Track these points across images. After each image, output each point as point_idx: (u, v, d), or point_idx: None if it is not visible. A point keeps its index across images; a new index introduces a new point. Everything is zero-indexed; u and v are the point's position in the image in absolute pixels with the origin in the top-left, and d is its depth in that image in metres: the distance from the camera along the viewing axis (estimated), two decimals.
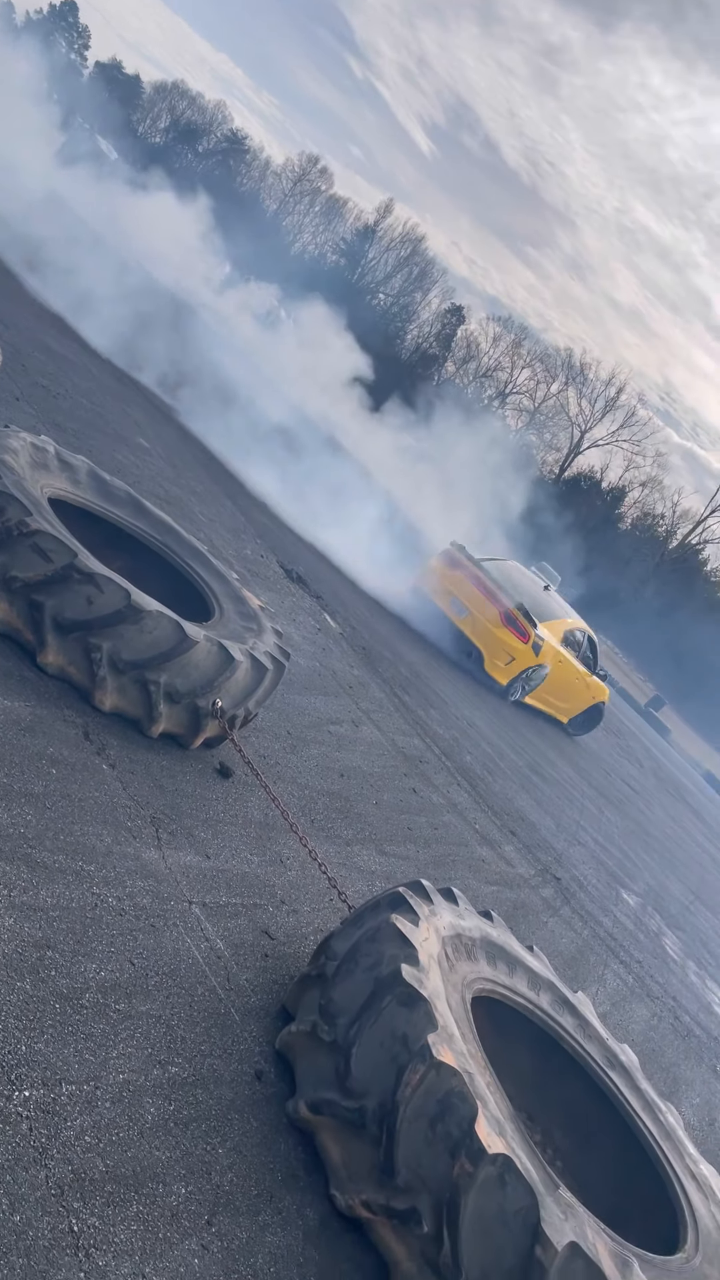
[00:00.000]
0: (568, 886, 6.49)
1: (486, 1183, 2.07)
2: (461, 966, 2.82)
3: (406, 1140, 2.15)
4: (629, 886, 8.20)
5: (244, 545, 7.54)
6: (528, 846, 6.58)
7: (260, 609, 4.31)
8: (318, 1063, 2.41)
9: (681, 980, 6.83)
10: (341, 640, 7.43)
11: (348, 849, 4.16)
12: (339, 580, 9.51)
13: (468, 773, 7.05)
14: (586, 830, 8.80)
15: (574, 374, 60.81)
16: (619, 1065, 3.24)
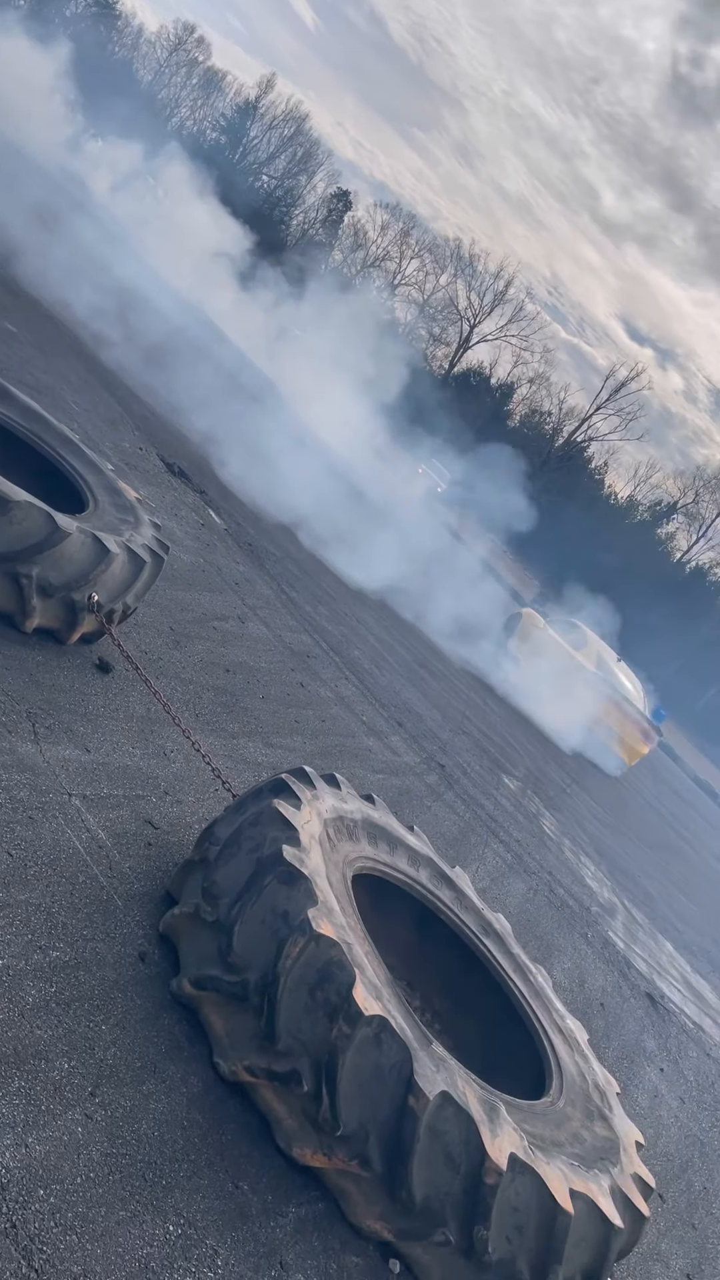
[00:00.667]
0: (451, 773, 6.71)
1: (363, 1042, 2.18)
2: (343, 846, 2.90)
3: (287, 1008, 2.23)
4: (510, 772, 8.54)
5: (121, 437, 7.30)
6: (414, 737, 6.75)
7: (137, 501, 4.21)
8: (201, 942, 2.46)
9: (557, 857, 7.20)
10: (226, 536, 7.34)
11: (233, 742, 4.19)
12: (222, 474, 9.33)
13: (356, 667, 7.14)
14: (471, 721, 9.07)
15: (463, 265, 59.93)
16: (493, 933, 3.42)
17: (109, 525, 3.75)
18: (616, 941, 6.38)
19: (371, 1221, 2.20)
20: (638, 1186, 2.63)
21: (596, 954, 5.77)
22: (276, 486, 11.14)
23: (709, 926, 10.00)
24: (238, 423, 11.94)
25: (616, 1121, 2.89)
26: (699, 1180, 4.15)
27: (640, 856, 10.44)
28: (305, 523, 10.23)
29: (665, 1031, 5.56)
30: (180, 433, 9.46)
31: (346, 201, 60.93)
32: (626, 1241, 2.54)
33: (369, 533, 12.73)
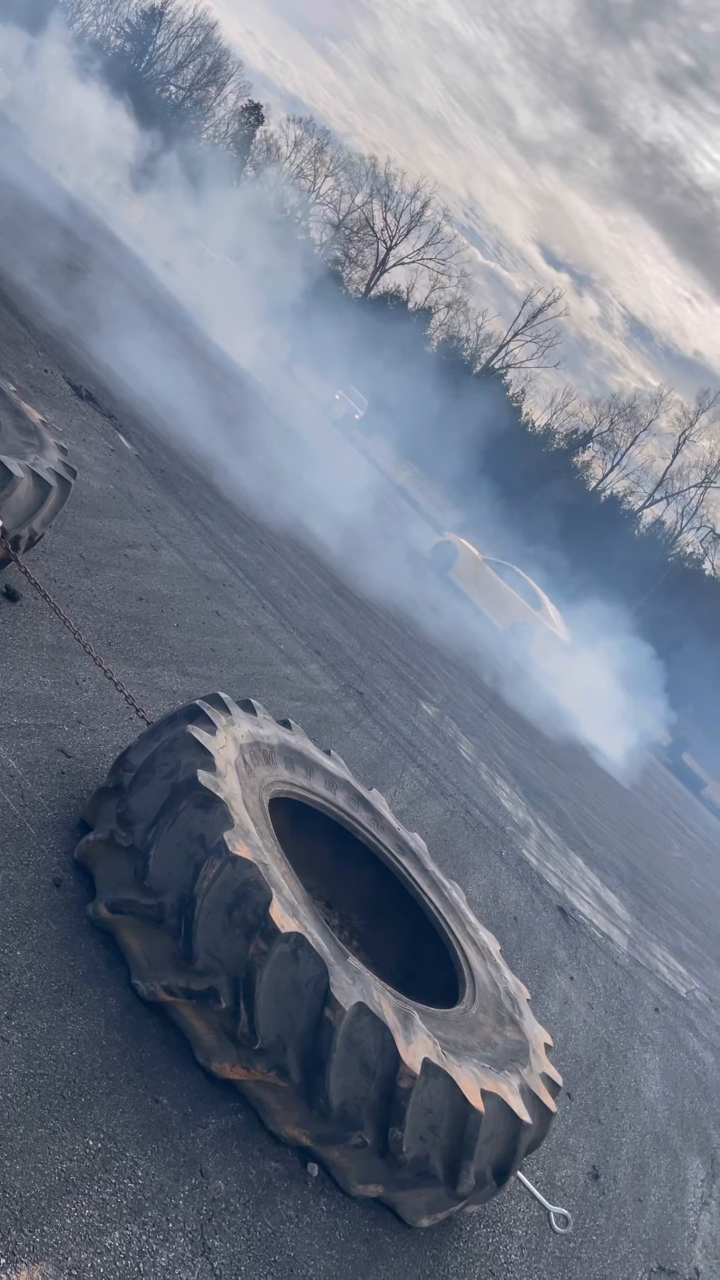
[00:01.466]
0: (369, 700, 6.77)
1: (280, 958, 2.22)
2: (259, 771, 2.92)
3: (204, 928, 2.26)
4: (428, 699, 8.65)
5: (25, 359, 7.02)
6: (332, 665, 6.78)
7: (42, 423, 4.06)
8: (117, 867, 2.46)
9: (474, 780, 7.37)
10: (138, 462, 7.16)
11: (148, 670, 4.14)
12: (136, 401, 9.07)
13: (273, 595, 7.10)
14: (389, 649, 9.13)
15: (378, 185, 58.58)
16: (409, 851, 3.49)
17: (12, 449, 3.62)
18: (530, 859, 6.59)
19: (290, 1129, 2.27)
20: (546, 1085, 2.76)
21: (511, 871, 5.96)
22: (190, 415, 10.89)
23: (617, 842, 10.39)
24: (147, 344, 11.58)
25: (526, 1026, 3.02)
26: (605, 1079, 4.38)
27: (554, 777, 10.75)
28: (220, 457, 10.05)
29: (575, 942, 5.79)
30: (88, 354, 9.14)
31: (258, 115, 58.80)
32: (535, 1136, 2.68)
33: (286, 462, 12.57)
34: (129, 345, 10.72)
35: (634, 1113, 4.30)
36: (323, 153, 58.90)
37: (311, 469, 16.83)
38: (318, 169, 58.91)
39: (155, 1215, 1.82)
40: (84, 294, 11.07)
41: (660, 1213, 3.66)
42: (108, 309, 11.43)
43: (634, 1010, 5.61)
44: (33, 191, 13.42)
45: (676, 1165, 4.17)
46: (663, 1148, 4.21)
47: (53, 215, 14.03)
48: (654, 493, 56.93)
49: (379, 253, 58.85)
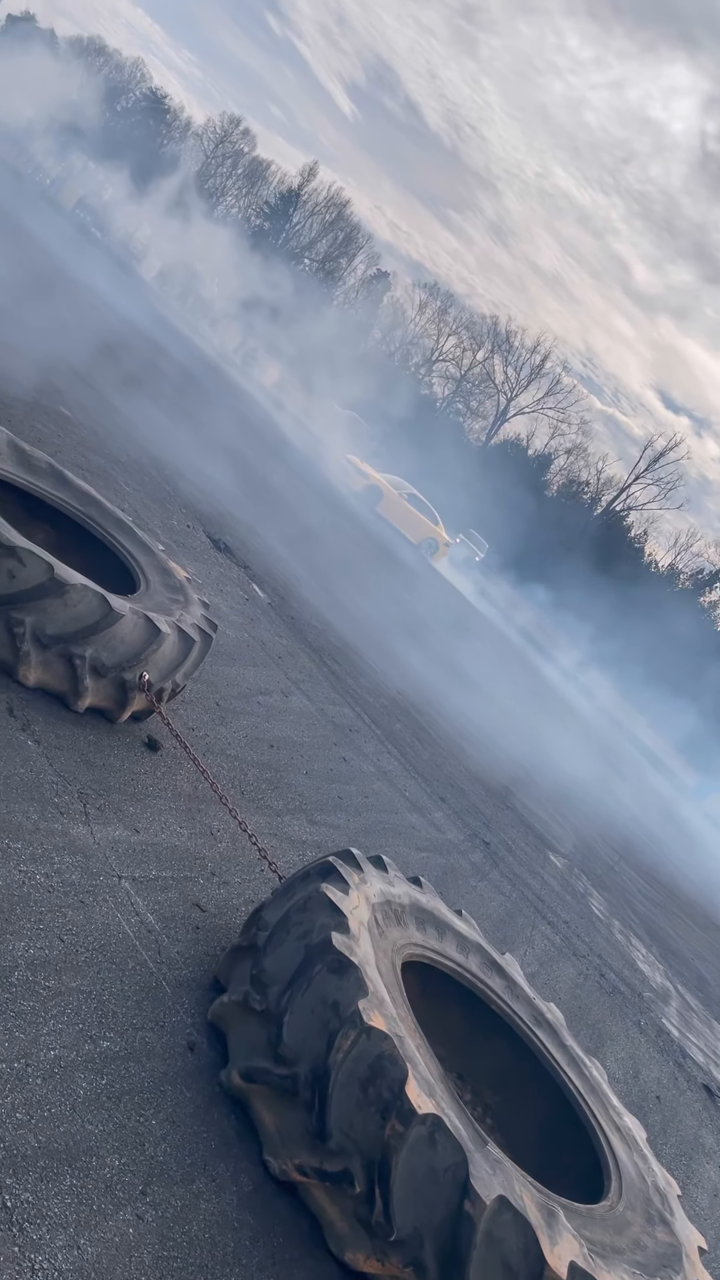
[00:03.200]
0: (496, 850, 6.61)
1: (417, 1142, 2.12)
2: (391, 932, 2.86)
3: (338, 1104, 2.18)
4: (556, 849, 8.39)
5: (170, 516, 7.44)
6: (457, 812, 6.68)
7: (186, 580, 4.27)
8: (250, 1032, 2.43)
9: (607, 939, 7.03)
10: (270, 610, 7.41)
11: (278, 819, 4.17)
12: (268, 552, 9.46)
13: (397, 740, 7.12)
14: (515, 795, 8.96)
15: (499, 341, 61.04)
16: (545, 1023, 3.33)
17: (160, 605, 3.81)
18: (671, 1029, 6.18)
19: None
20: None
21: (651, 1043, 5.59)
22: (319, 564, 11.26)
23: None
24: (283, 499, 12.15)
25: (678, 1226, 2.77)
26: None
27: (692, 937, 10.16)
28: (345, 603, 10.31)
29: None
30: (225, 509, 9.64)
31: (386, 282, 62.60)
32: None
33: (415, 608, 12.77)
34: (262, 499, 11.27)
35: None
36: (446, 314, 62.00)
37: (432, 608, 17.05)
38: (441, 328, 61.92)
39: None
40: (224, 452, 11.76)
41: None
42: (244, 465, 12.09)
43: None
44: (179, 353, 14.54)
45: None
46: None
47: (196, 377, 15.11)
48: None
49: (499, 403, 60.80)
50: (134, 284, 24.76)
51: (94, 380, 9.79)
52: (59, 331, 10.39)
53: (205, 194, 54.66)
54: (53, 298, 12.03)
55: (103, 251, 26.08)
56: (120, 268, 25.48)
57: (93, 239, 26.50)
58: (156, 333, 19.91)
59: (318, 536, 13.48)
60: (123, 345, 13.95)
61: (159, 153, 50.35)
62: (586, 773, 15.85)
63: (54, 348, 9.42)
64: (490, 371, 61.19)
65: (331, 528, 15.77)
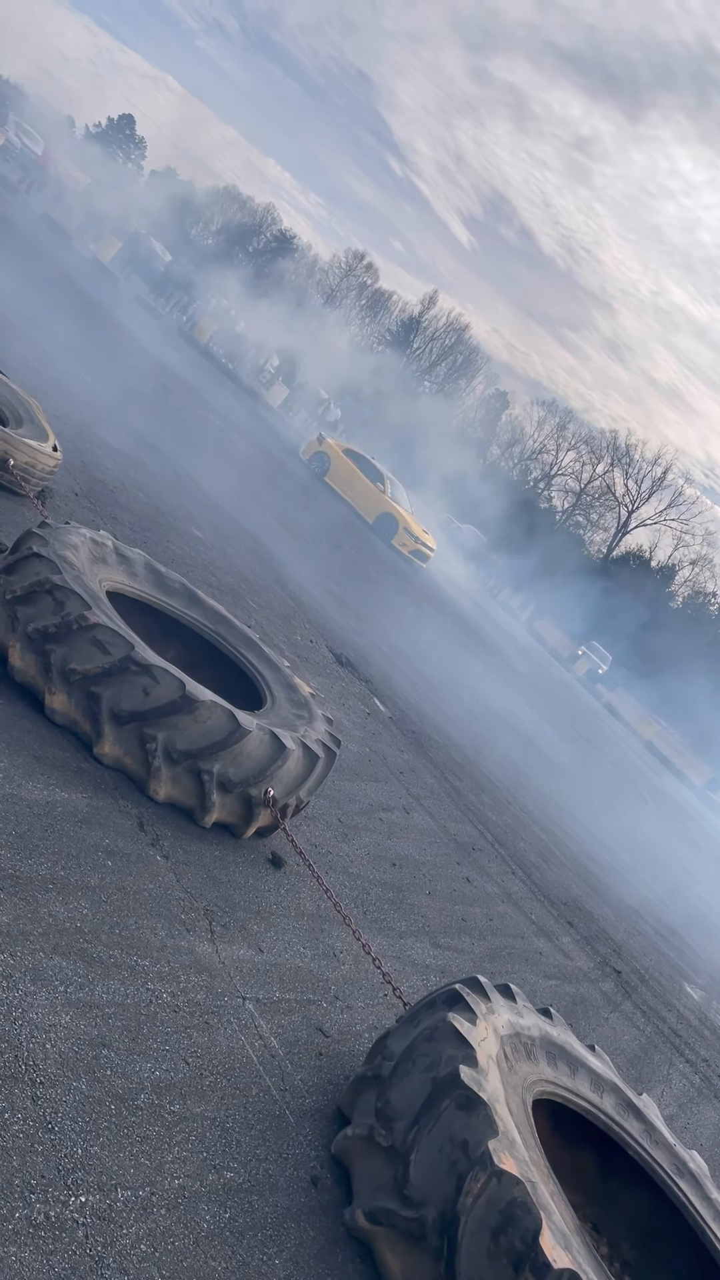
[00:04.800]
0: (628, 979, 6.29)
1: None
2: (521, 1067, 2.74)
3: (468, 1253, 2.07)
4: (692, 979, 7.93)
5: (294, 631, 7.62)
6: (586, 938, 6.42)
7: (311, 696, 4.34)
8: (375, 1169, 2.34)
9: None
10: (391, 725, 7.43)
11: (401, 941, 4.10)
12: (388, 664, 9.55)
13: (522, 860, 6.93)
14: (645, 920, 8.55)
15: (619, 455, 61.27)
16: (688, 1173, 3.10)
17: (285, 721, 3.87)
18: None
19: None
20: None
21: None
22: (444, 679, 11.28)
23: None
24: (398, 616, 12.30)
25: None
26: None
27: None
28: (467, 718, 10.25)
29: None
30: (346, 625, 9.81)
31: (504, 400, 64.04)
32: None
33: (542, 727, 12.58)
34: (376, 620, 11.43)
35: None
36: (564, 429, 62.80)
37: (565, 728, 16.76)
38: (560, 444, 62.65)
39: None
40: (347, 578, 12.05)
41: None
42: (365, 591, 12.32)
43: None
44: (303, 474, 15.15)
45: None
46: None
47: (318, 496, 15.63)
48: None
49: (620, 516, 60.66)
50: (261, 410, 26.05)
51: (222, 501, 10.25)
52: (197, 459, 10.98)
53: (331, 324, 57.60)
54: (189, 429, 12.75)
55: (233, 380, 27.60)
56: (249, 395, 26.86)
57: (224, 369, 28.11)
58: (280, 455, 20.80)
59: (440, 649, 13.55)
60: (249, 467, 14.60)
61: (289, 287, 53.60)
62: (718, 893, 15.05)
63: (192, 476, 9.94)
64: (610, 484, 61.31)
65: (453, 642, 15.82)
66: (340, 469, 23.10)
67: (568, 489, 62.39)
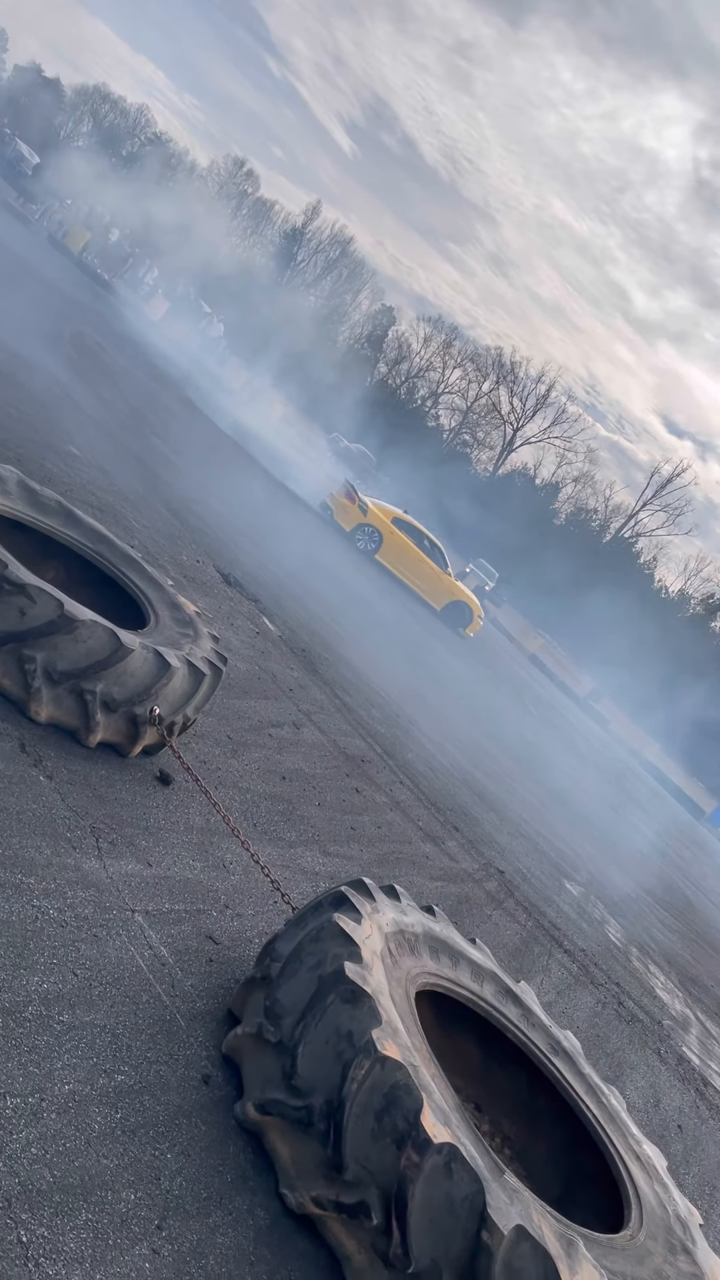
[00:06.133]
0: (511, 879, 6.58)
1: (433, 1172, 2.11)
2: (405, 962, 2.86)
3: (354, 1135, 2.18)
4: (572, 877, 8.34)
5: (179, 551, 7.50)
6: (471, 842, 6.66)
7: (196, 614, 4.31)
8: (264, 1064, 2.42)
9: (625, 967, 6.97)
10: (280, 643, 7.44)
11: (291, 851, 4.18)
12: (277, 584, 9.51)
13: (410, 770, 7.11)
14: (529, 823, 8.92)
15: (504, 373, 61.51)
16: (563, 1052, 3.31)
17: (170, 640, 3.84)
18: (691, 1057, 6.11)
19: None
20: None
21: (671, 1071, 5.53)
22: (328, 595, 11.32)
23: None
24: (291, 532, 12.23)
25: (701, 1255, 2.73)
26: None
27: (712, 963, 10.05)
28: (356, 634, 10.34)
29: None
30: (234, 543, 9.71)
31: (390, 316, 63.25)
32: None
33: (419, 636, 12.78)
34: (272, 536, 11.35)
35: None
36: (450, 346, 62.53)
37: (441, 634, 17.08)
38: (446, 361, 62.43)
39: None
40: (232, 489, 11.87)
41: None
42: (252, 505, 12.19)
43: None
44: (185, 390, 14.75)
45: None
46: None
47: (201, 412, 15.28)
48: None
49: (506, 434, 61.13)
50: (142, 324, 25.13)
51: (103, 420, 9.92)
52: (66, 373, 10.56)
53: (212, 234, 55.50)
54: (63, 343, 12.22)
55: (109, 292, 26.48)
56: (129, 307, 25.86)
57: (100, 281, 26.91)
58: (163, 370, 20.17)
59: (329, 571, 13.56)
60: (130, 384, 14.14)
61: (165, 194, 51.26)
62: (598, 798, 15.78)
63: (62, 389, 9.56)
64: (496, 403, 61.61)
65: (346, 564, 15.86)
66: (395, 547, 19.20)
67: (454, 407, 62.49)
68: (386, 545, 19.12)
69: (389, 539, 19.13)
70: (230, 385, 25.52)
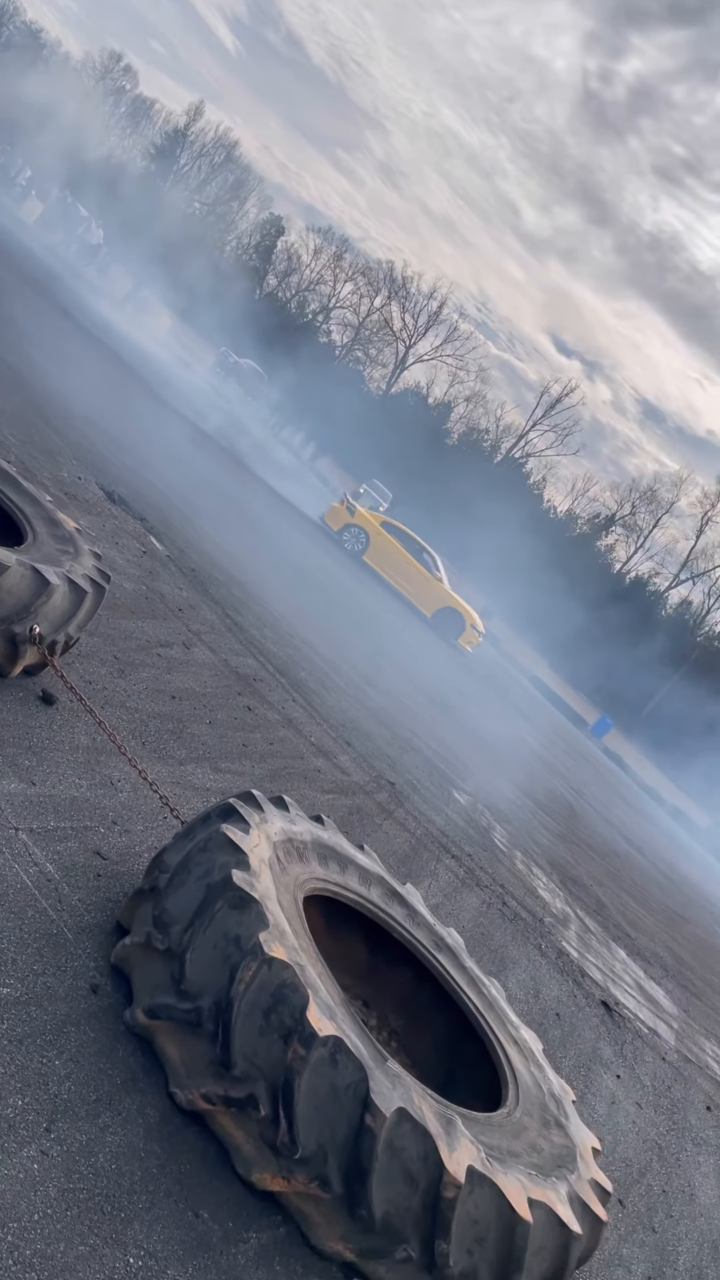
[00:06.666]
0: (401, 790, 6.74)
1: (319, 1063, 2.19)
2: (293, 868, 2.92)
3: (242, 1033, 2.24)
4: (461, 787, 8.60)
5: (60, 468, 7.26)
6: (363, 756, 6.78)
7: (76, 531, 4.19)
8: (153, 971, 2.46)
9: (510, 869, 7.26)
10: (169, 563, 7.32)
11: (181, 769, 4.18)
12: (165, 502, 9.31)
13: (303, 688, 7.16)
14: (420, 737, 9.12)
15: (396, 288, 60.65)
16: (446, 948, 3.45)
17: (48, 557, 3.74)
18: (570, 951, 6.45)
19: (333, 1243, 2.21)
20: (596, 1192, 2.67)
21: (551, 965, 5.83)
22: (220, 516, 11.15)
23: (660, 932, 10.14)
24: (176, 448, 11.95)
25: (573, 1129, 2.93)
26: (658, 1184, 4.21)
27: (591, 864, 10.56)
28: (248, 554, 10.25)
29: (621, 1038, 5.63)
30: (119, 461, 9.44)
31: (279, 226, 61.37)
32: (586, 1247, 2.58)
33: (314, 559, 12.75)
34: (159, 454, 11.06)
35: (690, 1219, 4.11)
36: (341, 259, 61.19)
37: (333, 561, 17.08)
38: (337, 275, 61.13)
39: None
40: (116, 407, 11.48)
41: None
42: (140, 423, 11.83)
43: (685, 1110, 5.41)
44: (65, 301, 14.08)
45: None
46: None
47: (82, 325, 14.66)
48: (679, 573, 57.02)
49: (398, 351, 60.57)
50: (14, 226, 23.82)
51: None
52: None
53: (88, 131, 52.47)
54: None
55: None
56: None
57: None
58: (39, 277, 19.21)
59: (221, 491, 13.34)
60: (2, 291, 13.43)
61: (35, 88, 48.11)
62: (488, 713, 16.22)
63: None
64: (388, 319, 60.83)
65: (236, 484, 15.62)
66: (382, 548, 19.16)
67: (346, 322, 61.45)
68: (373, 546, 19.12)
69: (375, 539, 19.11)
70: (112, 295, 24.48)
